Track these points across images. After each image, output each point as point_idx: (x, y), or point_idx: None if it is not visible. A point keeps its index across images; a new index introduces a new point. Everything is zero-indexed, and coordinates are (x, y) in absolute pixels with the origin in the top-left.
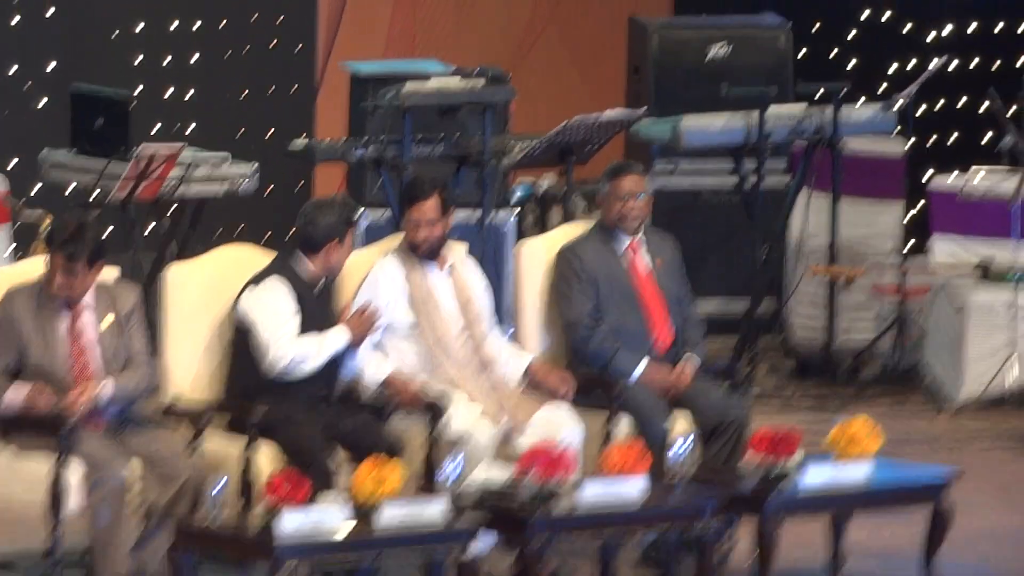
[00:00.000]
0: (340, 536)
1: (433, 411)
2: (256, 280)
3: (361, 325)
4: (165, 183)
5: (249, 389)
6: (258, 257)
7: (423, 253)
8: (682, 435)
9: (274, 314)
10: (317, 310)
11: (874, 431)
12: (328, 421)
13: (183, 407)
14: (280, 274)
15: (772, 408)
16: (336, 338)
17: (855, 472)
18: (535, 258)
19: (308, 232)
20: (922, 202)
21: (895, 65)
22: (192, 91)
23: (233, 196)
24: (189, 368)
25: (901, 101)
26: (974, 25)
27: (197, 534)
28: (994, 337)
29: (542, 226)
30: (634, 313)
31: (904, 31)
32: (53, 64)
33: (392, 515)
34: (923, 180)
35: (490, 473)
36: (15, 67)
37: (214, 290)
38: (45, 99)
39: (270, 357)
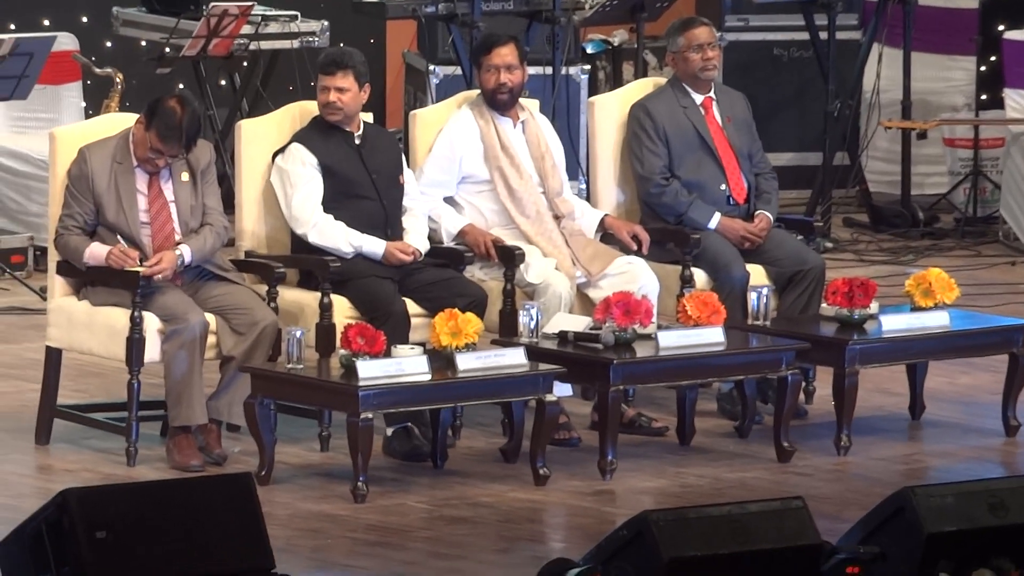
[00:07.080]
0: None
1: (510, 261)
2: (281, 149)
3: (396, 257)
4: (236, 40)
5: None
6: None
7: (502, 100)
8: (759, 285)
9: (293, 184)
10: (354, 163)
11: (949, 282)
12: (403, 274)
13: (257, 260)
14: (301, 140)
15: (847, 261)
16: (370, 245)
17: (932, 319)
18: (608, 114)
19: None
20: (994, 57)
21: None
22: None
23: (304, 53)
24: (261, 223)
25: None
26: None
27: (275, 383)
28: None
29: (614, 82)
30: (708, 168)
31: None
32: None
33: (470, 364)
34: (995, 34)
35: (567, 323)
36: None
37: None
38: None
39: (293, 225)
